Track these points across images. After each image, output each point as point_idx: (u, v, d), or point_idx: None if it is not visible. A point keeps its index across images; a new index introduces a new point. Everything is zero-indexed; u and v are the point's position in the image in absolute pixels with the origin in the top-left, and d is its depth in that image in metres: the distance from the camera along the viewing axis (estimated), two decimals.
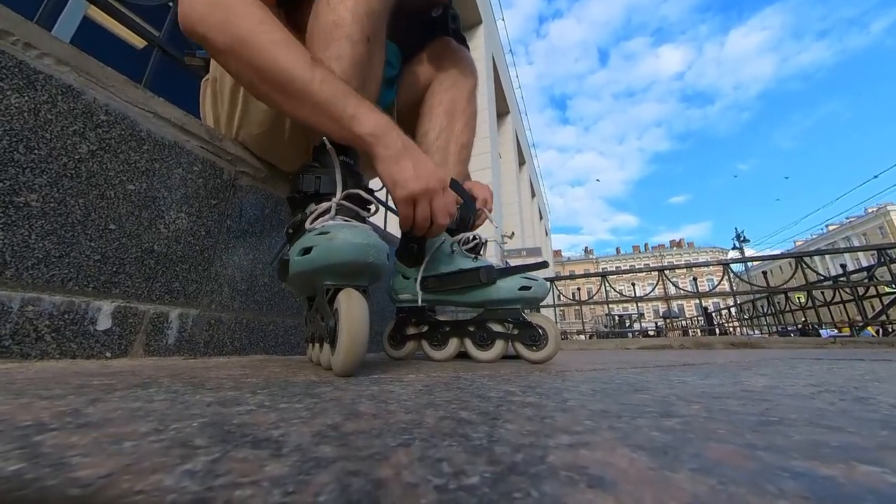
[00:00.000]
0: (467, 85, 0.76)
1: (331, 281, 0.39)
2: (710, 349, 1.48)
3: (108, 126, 0.46)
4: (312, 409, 0.20)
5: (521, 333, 0.57)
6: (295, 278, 0.41)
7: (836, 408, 0.22)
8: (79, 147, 0.43)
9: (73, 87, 0.43)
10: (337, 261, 0.37)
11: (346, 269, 0.38)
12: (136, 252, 0.48)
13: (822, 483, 0.11)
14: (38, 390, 0.23)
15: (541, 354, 0.55)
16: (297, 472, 0.12)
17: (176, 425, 0.16)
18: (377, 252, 0.38)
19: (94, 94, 0.45)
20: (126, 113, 0.49)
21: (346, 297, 0.35)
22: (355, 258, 0.37)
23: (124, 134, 0.48)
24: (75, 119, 0.43)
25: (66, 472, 0.11)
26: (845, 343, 1.58)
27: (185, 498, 0.10)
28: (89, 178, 0.44)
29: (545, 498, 0.10)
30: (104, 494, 0.10)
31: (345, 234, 0.37)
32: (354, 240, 0.37)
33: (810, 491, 0.11)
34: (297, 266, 0.40)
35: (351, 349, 0.33)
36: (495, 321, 0.58)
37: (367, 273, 0.39)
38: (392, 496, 0.10)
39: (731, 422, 0.19)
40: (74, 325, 0.40)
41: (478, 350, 0.59)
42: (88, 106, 0.45)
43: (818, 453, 0.14)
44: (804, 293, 2.55)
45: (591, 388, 0.30)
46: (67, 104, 0.43)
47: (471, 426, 0.17)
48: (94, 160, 0.44)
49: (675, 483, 0.11)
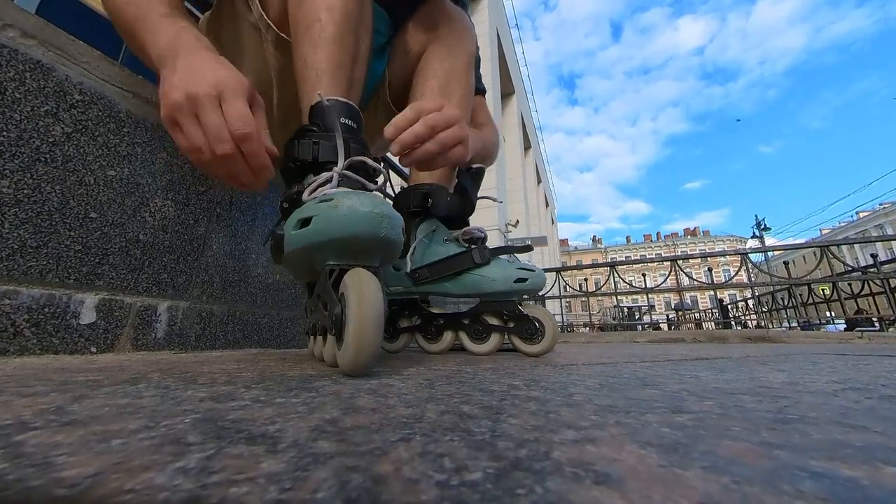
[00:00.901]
0: (464, 54, 0.71)
1: (335, 260, 0.34)
2: (725, 343, 1.49)
3: (84, 106, 0.46)
4: (309, 403, 0.21)
5: (518, 326, 0.57)
6: (292, 258, 0.37)
7: (861, 406, 0.22)
8: (52, 129, 0.43)
9: (42, 63, 0.42)
10: (342, 234, 0.32)
11: (354, 245, 0.33)
12: (120, 242, 0.48)
13: (843, 485, 0.11)
14: (19, 388, 0.23)
15: (537, 348, 0.56)
16: (295, 468, 0.12)
17: (167, 422, 0.16)
18: (391, 224, 0.33)
19: (67, 72, 0.45)
20: (103, 92, 0.48)
21: (354, 277, 0.31)
22: (364, 231, 0.32)
23: (102, 115, 0.47)
24: (47, 98, 0.42)
25: (51, 472, 0.11)
26: (873, 338, 1.57)
27: (178, 496, 0.10)
28: (66, 163, 0.43)
29: (549, 495, 0.10)
30: (92, 494, 0.10)
31: (352, 202, 0.32)
32: (363, 208, 0.32)
33: (831, 492, 0.11)
34: (294, 242, 0.35)
35: (362, 342, 0.28)
36: (491, 313, 0.59)
37: (378, 249, 0.34)
38: (392, 492, 0.10)
39: (746, 419, 0.19)
40: (56, 319, 0.41)
41: (473, 343, 0.60)
42: (60, 84, 0.44)
43: (840, 453, 0.14)
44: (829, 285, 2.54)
45: (598, 382, 0.31)
46: (37, 82, 0.42)
47: (473, 421, 0.18)
48: (69, 143, 0.44)
49: (685, 481, 0.11)
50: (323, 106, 0.43)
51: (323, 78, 0.47)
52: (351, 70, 0.51)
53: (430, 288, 0.61)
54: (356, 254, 0.34)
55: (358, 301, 0.29)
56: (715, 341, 1.64)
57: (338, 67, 0.48)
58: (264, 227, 0.70)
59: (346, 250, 0.34)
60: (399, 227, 0.35)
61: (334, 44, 0.48)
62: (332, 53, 0.48)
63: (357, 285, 0.30)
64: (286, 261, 0.38)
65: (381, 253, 0.35)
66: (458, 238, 0.61)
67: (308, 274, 0.41)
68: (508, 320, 0.58)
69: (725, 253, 2.74)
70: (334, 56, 0.48)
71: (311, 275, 0.40)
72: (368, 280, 0.30)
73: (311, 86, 0.47)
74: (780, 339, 1.63)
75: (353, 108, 0.46)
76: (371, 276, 0.31)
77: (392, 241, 0.34)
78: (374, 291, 0.30)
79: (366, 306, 0.29)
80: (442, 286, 0.60)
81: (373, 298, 0.29)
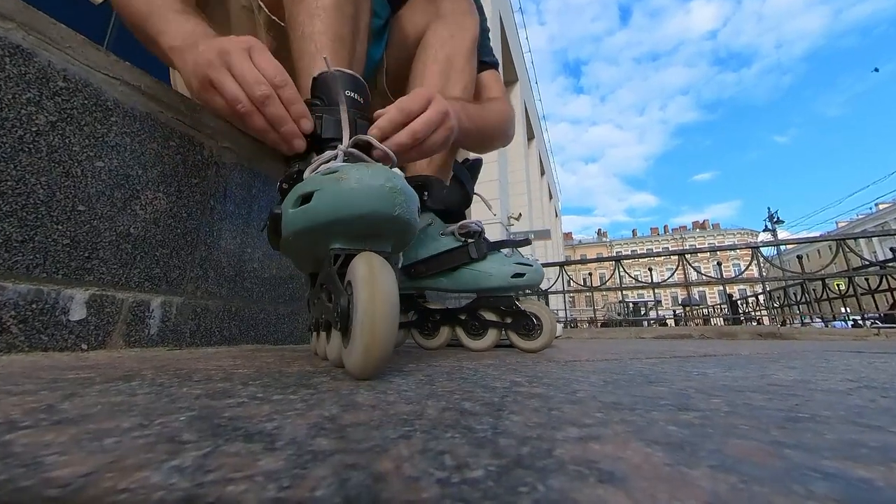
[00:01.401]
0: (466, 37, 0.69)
1: (341, 243, 0.30)
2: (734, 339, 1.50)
3: (69, 94, 0.45)
4: (308, 400, 0.21)
5: (515, 322, 0.58)
6: (291, 242, 0.33)
7: (877, 405, 0.22)
8: (35, 118, 0.42)
9: (22, 48, 0.42)
10: (349, 212, 0.28)
11: (362, 225, 0.29)
12: (110, 236, 0.48)
13: (856, 485, 0.11)
14: (6, 386, 0.23)
15: (535, 344, 0.57)
16: (293, 465, 0.12)
17: (162, 420, 0.16)
18: (406, 201, 0.29)
19: (49, 57, 0.44)
20: (88, 79, 0.47)
21: (364, 263, 0.27)
22: (375, 208, 0.28)
23: (88, 103, 0.47)
24: (29, 85, 0.42)
25: (41, 473, 0.11)
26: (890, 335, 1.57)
27: (173, 495, 0.10)
28: (51, 154, 0.43)
29: (552, 493, 0.10)
30: (85, 494, 0.10)
31: (360, 174, 0.28)
32: (374, 181, 0.28)
33: (843, 493, 0.11)
34: (293, 221, 0.31)
35: (373, 338, 0.25)
36: (488, 309, 0.59)
37: (390, 232, 0.31)
38: (392, 490, 0.10)
39: (756, 417, 0.19)
40: (44, 316, 0.41)
41: (470, 339, 0.61)
42: (43, 70, 0.43)
43: (854, 453, 0.14)
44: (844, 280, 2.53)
45: (603, 378, 0.31)
46: (17, 68, 0.41)
47: (474, 418, 0.18)
48: (54, 133, 0.44)
49: (692, 480, 0.11)
50: (327, 77, 0.41)
51: (323, 51, 0.45)
52: (352, 44, 0.50)
53: (426, 283, 0.61)
54: (365, 236, 0.30)
55: (369, 290, 0.25)
56: (724, 338, 1.65)
57: (337, 40, 0.47)
58: (260, 219, 0.70)
59: (353, 231, 0.30)
60: (415, 207, 0.31)
61: (334, 12, 0.47)
62: (331, 24, 0.47)
63: (367, 272, 0.26)
64: (285, 246, 0.35)
65: (394, 237, 0.32)
66: (455, 232, 0.61)
67: (311, 262, 0.37)
68: (506, 316, 0.58)
69: (735, 247, 2.73)
70: (333, 26, 0.47)
71: (315, 263, 0.36)
72: (381, 266, 0.26)
73: (311, 58, 0.46)
74: (791, 335, 1.63)
75: (360, 80, 0.43)
76: (383, 262, 0.27)
77: (407, 222, 0.30)
78: (388, 279, 0.26)
79: (379, 297, 0.25)
80: (438, 281, 0.60)
81: (386, 287, 0.26)
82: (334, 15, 0.47)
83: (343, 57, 0.48)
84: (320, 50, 0.46)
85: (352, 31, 0.50)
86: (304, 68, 0.47)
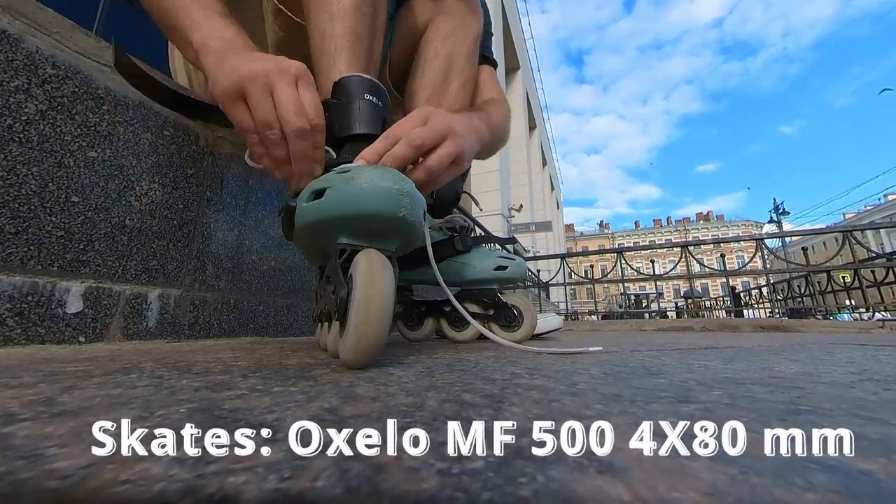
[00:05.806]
0: (469, 34, 0.70)
1: (347, 239, 0.32)
2: (736, 332, 1.51)
3: (58, 82, 0.45)
4: (308, 392, 0.21)
5: (497, 314, 0.61)
6: (303, 234, 0.35)
7: (880, 398, 0.22)
8: (24, 106, 0.42)
9: (8, 33, 0.41)
10: (356, 210, 0.30)
11: (368, 224, 0.31)
12: (105, 227, 0.47)
13: (857, 478, 0.11)
14: (5, 378, 0.23)
15: (516, 335, 0.59)
16: (294, 457, 0.12)
17: (162, 412, 0.17)
18: (412, 205, 0.31)
19: (37, 43, 0.43)
20: (78, 66, 0.47)
21: (365, 259, 0.29)
22: (380, 209, 0.30)
23: (78, 91, 0.46)
24: (17, 73, 0.41)
25: (41, 464, 0.11)
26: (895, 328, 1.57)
27: (174, 486, 0.10)
28: (42, 144, 0.43)
29: (552, 483, 0.11)
30: (85, 485, 0.10)
31: (370, 175, 0.31)
32: (383, 183, 0.30)
33: (844, 486, 0.11)
34: (305, 214, 0.33)
35: (366, 328, 0.27)
36: (471, 301, 0.62)
37: (395, 232, 0.33)
38: (392, 480, 0.11)
39: (756, 409, 0.19)
40: (40, 308, 0.41)
41: (453, 330, 0.64)
42: (31, 57, 0.43)
43: (855, 446, 0.14)
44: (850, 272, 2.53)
45: (603, 371, 0.31)
46: (5, 54, 0.41)
47: (474, 409, 0.18)
48: (45, 122, 0.43)
49: (691, 471, 0.12)
50: (347, 81, 0.43)
51: (343, 53, 0.46)
52: (370, 44, 0.50)
53: (412, 275, 0.63)
54: (370, 234, 0.32)
55: (366, 283, 0.27)
56: (726, 330, 1.66)
57: (357, 42, 0.48)
58: (257, 211, 0.70)
59: (359, 229, 0.32)
60: (420, 211, 0.33)
61: (353, 13, 0.47)
62: (352, 26, 0.47)
63: (368, 267, 0.28)
64: (297, 237, 0.37)
65: (398, 237, 0.33)
66: (441, 227, 0.64)
67: (320, 255, 0.39)
68: (488, 307, 0.62)
69: (739, 238, 2.73)
70: (352, 27, 0.47)
71: (323, 257, 0.38)
72: (381, 263, 0.29)
73: (330, 59, 0.47)
74: (795, 328, 1.64)
75: (379, 85, 0.45)
76: (384, 260, 0.30)
77: (411, 224, 0.32)
78: (386, 275, 0.28)
79: (374, 291, 0.27)
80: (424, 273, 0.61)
81: (383, 282, 0.28)
82: (354, 16, 0.48)
83: (361, 57, 0.48)
84: (340, 52, 0.47)
85: (370, 32, 0.50)
86: (324, 70, 0.48)
